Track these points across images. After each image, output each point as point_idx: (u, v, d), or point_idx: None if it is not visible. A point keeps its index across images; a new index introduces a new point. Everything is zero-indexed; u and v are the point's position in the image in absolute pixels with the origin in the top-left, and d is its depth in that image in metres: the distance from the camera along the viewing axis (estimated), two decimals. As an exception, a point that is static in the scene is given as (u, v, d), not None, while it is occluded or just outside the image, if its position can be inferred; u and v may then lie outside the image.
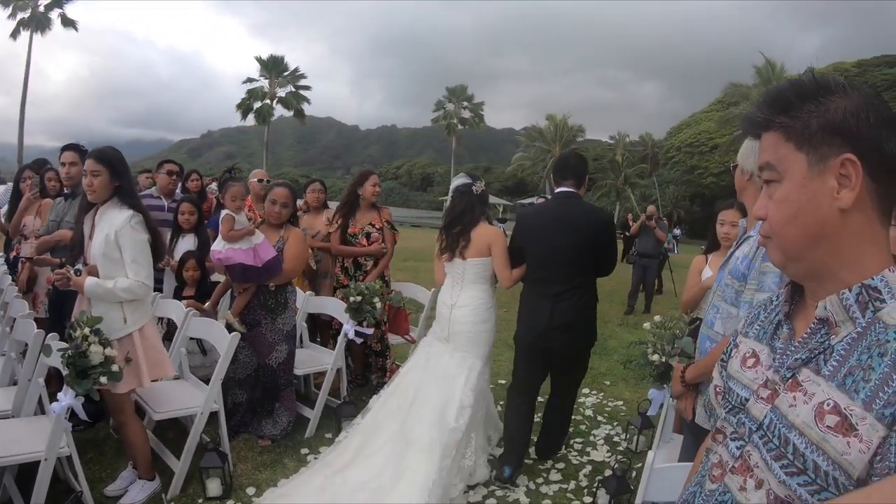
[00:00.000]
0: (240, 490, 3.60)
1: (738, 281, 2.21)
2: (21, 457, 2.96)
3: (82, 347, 2.82)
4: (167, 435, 4.10)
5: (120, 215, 3.18)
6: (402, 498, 3.24)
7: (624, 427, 4.86)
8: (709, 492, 1.11)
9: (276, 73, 44.36)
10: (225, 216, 4.09)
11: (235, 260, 4.05)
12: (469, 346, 3.92)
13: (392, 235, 5.27)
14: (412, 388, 3.87)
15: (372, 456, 3.60)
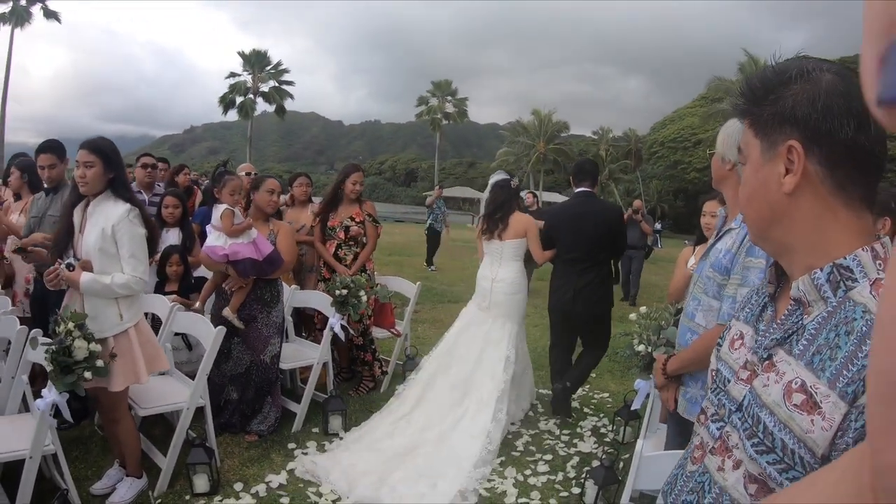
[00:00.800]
0: (227, 486, 3.59)
1: (720, 274, 2.23)
2: (5, 455, 2.93)
3: (66, 343, 2.78)
4: (153, 431, 4.08)
5: (116, 209, 3.11)
6: (463, 439, 4.01)
7: (610, 418, 4.89)
8: (689, 473, 1.12)
9: (258, 68, 44.09)
10: (225, 211, 4.07)
11: (243, 255, 4.05)
12: (507, 312, 4.65)
13: (374, 228, 5.26)
14: (461, 349, 4.62)
15: (431, 404, 4.33)
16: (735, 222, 2.26)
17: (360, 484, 3.53)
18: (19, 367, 3.32)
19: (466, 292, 10.27)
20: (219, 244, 4.08)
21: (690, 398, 2.36)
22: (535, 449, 4.35)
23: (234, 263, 4.07)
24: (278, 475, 3.73)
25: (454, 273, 13.02)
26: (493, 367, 4.39)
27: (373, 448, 3.96)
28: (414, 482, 3.60)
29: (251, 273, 4.12)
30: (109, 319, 3.12)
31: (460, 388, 4.36)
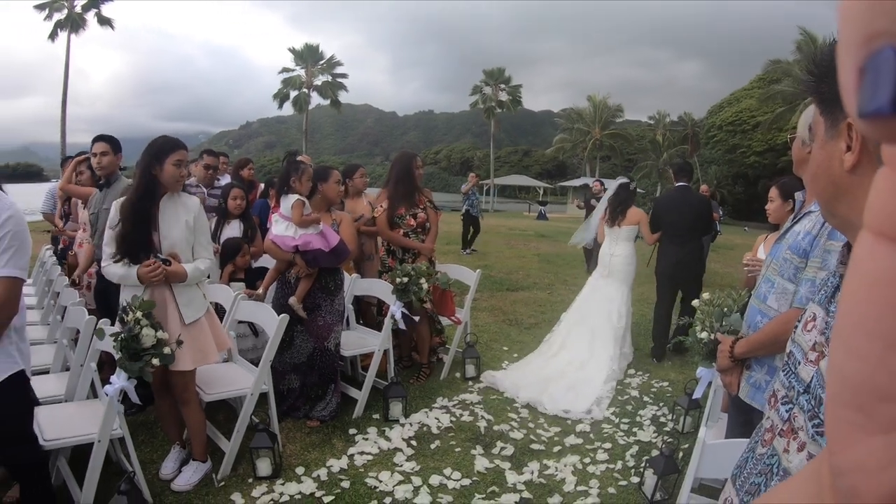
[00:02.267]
0: (289, 470, 3.67)
1: (798, 257, 2.18)
2: (74, 439, 3.03)
3: (135, 331, 2.88)
4: (216, 417, 4.20)
5: (190, 201, 3.35)
6: (594, 368, 5.40)
7: (670, 407, 4.84)
8: (759, 455, 1.11)
9: (311, 62, 44.46)
10: (296, 202, 4.13)
11: (315, 245, 4.11)
12: (621, 279, 6.05)
13: (435, 214, 5.33)
14: (589, 305, 6.04)
15: (571, 346, 5.76)
16: (814, 205, 2.20)
17: (524, 391, 4.97)
18: (88, 355, 3.42)
19: (524, 280, 10.40)
20: (288, 234, 4.14)
21: (755, 383, 2.31)
22: (594, 437, 4.33)
23: (304, 253, 4.14)
24: (339, 460, 3.80)
25: (511, 262, 12.97)
26: (612, 318, 5.84)
27: (532, 374, 5.36)
28: (564, 393, 4.96)
29: (320, 263, 4.18)
30: (199, 302, 3.37)
31: (590, 334, 5.78)
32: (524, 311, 8.25)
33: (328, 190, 4.37)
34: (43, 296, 5.37)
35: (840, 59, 0.38)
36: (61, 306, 4.25)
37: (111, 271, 3.22)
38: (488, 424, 4.44)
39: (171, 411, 3.55)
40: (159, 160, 3.18)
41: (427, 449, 4.04)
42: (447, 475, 3.68)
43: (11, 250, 2.47)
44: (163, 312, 3.21)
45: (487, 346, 6.33)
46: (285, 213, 4.19)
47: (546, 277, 11.08)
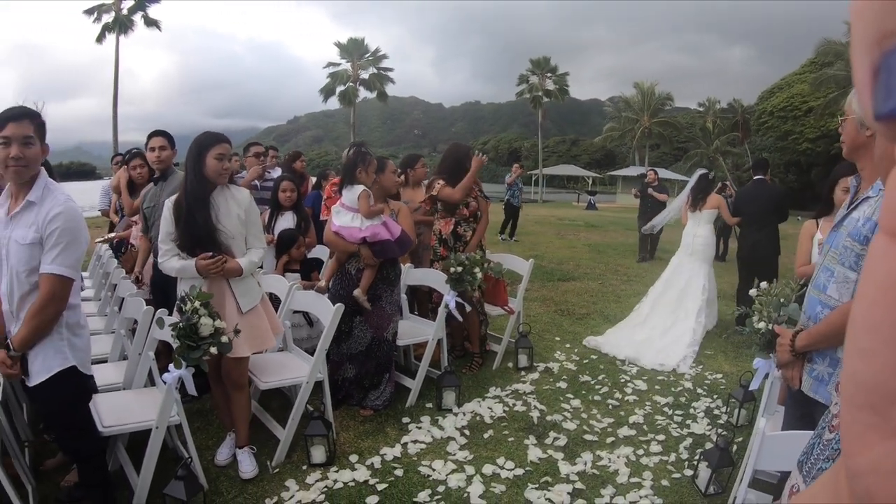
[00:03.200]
0: (343, 457, 3.72)
1: (859, 244, 2.10)
2: (132, 425, 3.12)
3: (193, 320, 2.95)
4: (270, 405, 4.28)
5: (241, 194, 3.43)
6: (679, 332, 6.17)
7: (724, 400, 4.78)
8: (826, 441, 1.11)
9: (357, 56, 44.67)
10: (363, 192, 4.16)
11: (382, 236, 4.15)
12: (702, 257, 6.83)
13: (486, 203, 5.35)
14: (674, 279, 6.80)
15: (656, 316, 6.53)
16: (872, 190, 2.13)
17: (623, 350, 5.91)
18: (146, 344, 3.50)
19: (574, 270, 10.39)
20: (354, 225, 4.17)
21: (817, 376, 2.26)
22: (647, 429, 4.30)
23: (372, 244, 4.17)
24: (392, 448, 3.84)
25: (562, 252, 12.92)
26: (694, 291, 6.61)
27: (625, 339, 6.20)
28: (654, 354, 5.79)
29: (387, 254, 4.21)
30: (255, 290, 3.47)
31: (674, 304, 6.56)
32: (575, 301, 8.22)
33: (385, 180, 4.39)
34: (100, 288, 5.52)
35: (854, 58, 0.38)
36: (118, 298, 4.36)
37: (168, 266, 3.31)
38: (541, 414, 4.44)
39: (226, 400, 3.63)
40: (202, 155, 3.25)
41: (480, 438, 4.05)
42: (500, 465, 3.69)
43: (59, 247, 2.54)
44: (220, 302, 3.28)
45: (539, 337, 6.32)
46: (350, 204, 4.22)
47: (597, 267, 11.03)
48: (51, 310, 2.59)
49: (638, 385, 5.11)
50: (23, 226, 2.54)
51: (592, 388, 5.02)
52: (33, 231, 2.53)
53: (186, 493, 2.88)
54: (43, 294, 2.55)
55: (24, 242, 2.53)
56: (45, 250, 2.54)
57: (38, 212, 2.55)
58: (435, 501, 3.32)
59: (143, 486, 3.03)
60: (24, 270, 2.55)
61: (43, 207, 2.56)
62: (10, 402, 3.46)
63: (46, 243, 2.54)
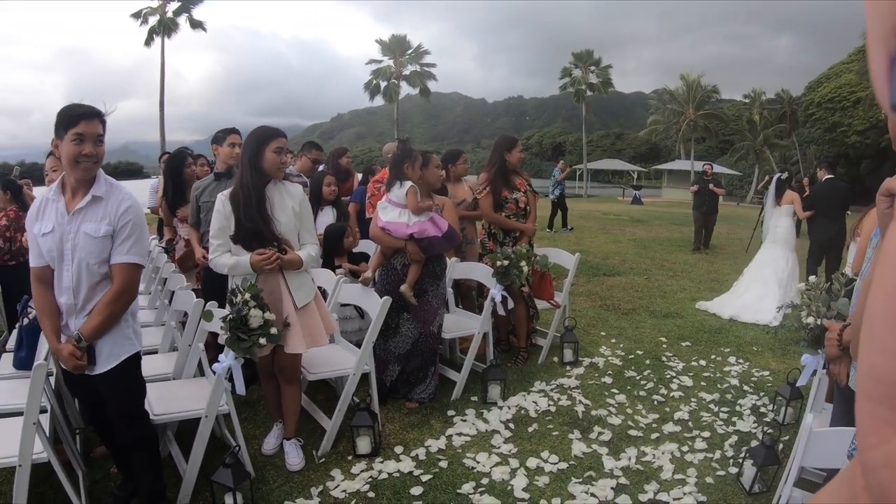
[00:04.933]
0: (388, 448, 3.77)
1: None
2: (182, 414, 3.22)
3: (243, 312, 3.02)
4: (317, 397, 4.36)
5: (294, 189, 3.48)
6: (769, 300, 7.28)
7: (771, 398, 4.71)
8: None
9: (399, 53, 44.76)
10: (411, 188, 4.18)
11: (430, 232, 4.18)
12: (784, 243, 8.03)
13: (535, 198, 5.36)
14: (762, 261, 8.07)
15: (750, 290, 7.70)
16: None
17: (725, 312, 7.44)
18: (196, 335, 3.58)
19: (620, 265, 10.38)
20: (402, 221, 4.19)
21: None
22: (692, 425, 4.27)
23: (419, 241, 4.19)
24: (437, 440, 3.88)
25: (607, 247, 12.84)
26: (780, 273, 7.79)
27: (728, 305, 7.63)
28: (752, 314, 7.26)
29: (435, 249, 4.24)
30: (309, 286, 3.50)
31: (763, 280, 7.77)
32: (621, 296, 8.18)
33: (429, 175, 4.39)
34: (150, 282, 5.66)
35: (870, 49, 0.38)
36: (168, 291, 4.48)
37: (220, 262, 3.35)
38: (586, 409, 4.43)
39: (275, 393, 3.69)
40: (260, 149, 3.29)
41: (524, 432, 4.07)
42: (544, 458, 3.71)
43: (132, 238, 2.65)
44: (277, 297, 3.34)
45: (585, 331, 6.30)
46: (398, 199, 4.24)
47: (643, 262, 10.95)
48: (126, 298, 2.70)
49: (683, 381, 5.07)
50: (92, 220, 2.62)
51: (637, 384, 4.99)
52: (105, 224, 2.62)
53: (234, 480, 2.94)
54: (120, 283, 2.65)
55: (98, 235, 2.61)
56: (117, 242, 2.64)
57: (107, 206, 2.64)
58: (479, 493, 3.34)
59: (191, 472, 3.11)
60: (95, 262, 2.63)
61: (111, 202, 2.65)
62: (62, 390, 3.58)
63: (119, 235, 2.63)
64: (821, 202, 8.37)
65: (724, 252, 12.95)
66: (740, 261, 9.95)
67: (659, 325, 6.80)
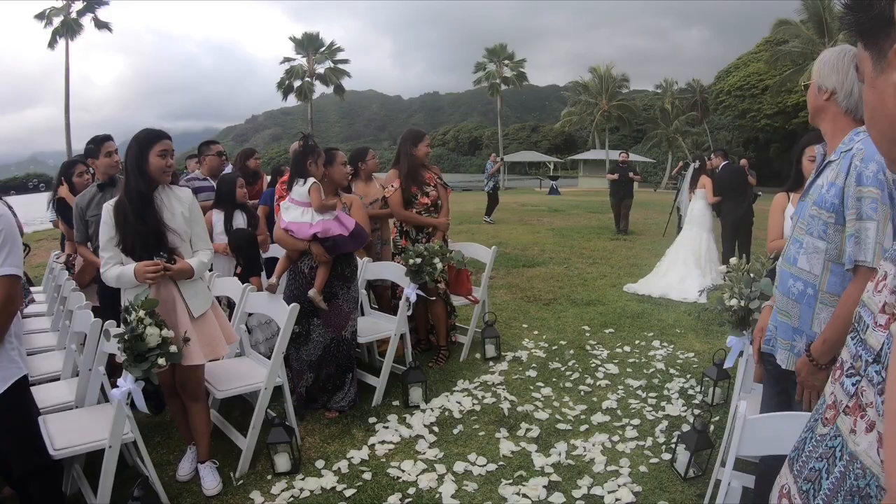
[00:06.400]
0: (309, 464, 3.58)
1: (826, 211, 2.03)
2: (85, 446, 2.94)
3: (138, 330, 2.78)
4: (232, 413, 4.10)
5: (183, 193, 3.29)
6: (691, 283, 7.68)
7: (698, 379, 4.73)
8: (819, 436, 0.96)
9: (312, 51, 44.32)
10: (314, 185, 3.99)
11: (334, 231, 3.98)
12: (699, 224, 8.53)
13: (446, 191, 5.24)
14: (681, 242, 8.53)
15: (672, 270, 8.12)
16: (835, 154, 2.07)
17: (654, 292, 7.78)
18: (95, 359, 3.34)
19: (539, 256, 10.38)
20: (305, 221, 3.99)
21: (798, 352, 2.17)
22: (621, 414, 4.23)
23: (324, 240, 4.00)
24: (360, 451, 3.71)
25: (526, 238, 12.92)
26: (698, 253, 8.27)
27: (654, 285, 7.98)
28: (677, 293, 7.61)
29: (341, 249, 4.04)
30: (205, 294, 3.34)
31: (684, 263, 8.16)
32: (542, 286, 8.15)
33: (335, 172, 4.20)
34: (53, 302, 5.28)
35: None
36: (69, 311, 4.15)
37: (109, 275, 3.14)
38: (512, 406, 4.33)
39: (184, 411, 3.46)
40: (143, 153, 3.11)
41: (450, 434, 3.94)
42: (472, 461, 3.58)
43: (6, 249, 2.45)
44: (171, 308, 3.14)
45: (506, 325, 6.23)
46: (300, 198, 4.04)
47: (562, 252, 11.03)
48: (9, 311, 2.50)
49: (609, 369, 5.04)
50: None
51: (563, 375, 4.92)
52: None
53: (145, 513, 2.74)
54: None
55: None
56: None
57: None
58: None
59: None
60: None
61: None
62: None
63: None
64: (724, 187, 8.84)
65: (642, 236, 13.32)
66: (658, 244, 10.43)
67: (581, 314, 6.78)
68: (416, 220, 5.07)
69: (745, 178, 9.40)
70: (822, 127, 2.20)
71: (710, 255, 8.39)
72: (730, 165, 9.39)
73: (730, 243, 8.97)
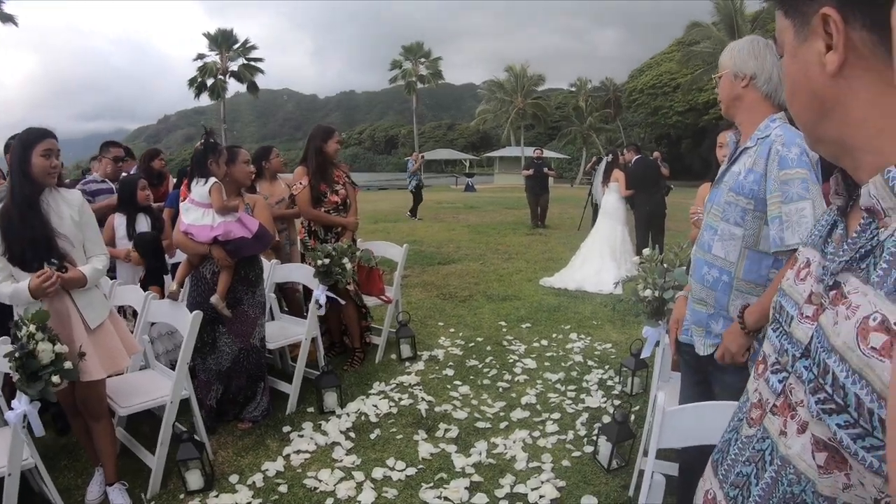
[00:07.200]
0: (222, 479, 3.40)
1: (745, 197, 2.04)
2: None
3: (29, 347, 2.57)
4: (141, 430, 3.85)
5: (71, 196, 3.06)
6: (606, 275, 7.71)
7: (616, 370, 4.76)
8: (746, 438, 0.89)
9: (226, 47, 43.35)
10: (216, 185, 3.77)
11: (236, 233, 3.78)
12: (614, 217, 8.67)
13: (354, 190, 5.12)
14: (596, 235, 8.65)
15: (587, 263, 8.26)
16: (750, 141, 2.08)
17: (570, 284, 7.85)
18: None
19: (455, 253, 10.35)
20: (206, 223, 3.78)
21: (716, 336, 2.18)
22: (541, 408, 4.20)
23: (225, 243, 3.79)
24: (275, 462, 3.55)
25: (441, 235, 12.90)
26: (613, 245, 8.41)
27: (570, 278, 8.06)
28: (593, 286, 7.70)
29: (243, 252, 3.85)
30: (101, 303, 3.12)
31: (599, 255, 8.30)
32: (457, 283, 8.10)
33: (237, 172, 4.00)
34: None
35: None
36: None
37: (1, 292, 2.89)
38: (429, 406, 4.25)
39: (88, 432, 3.24)
40: (26, 154, 2.89)
41: (367, 440, 3.82)
42: (391, 466, 3.49)
43: None
44: (66, 321, 2.93)
45: (422, 323, 6.16)
46: (201, 199, 3.81)
47: (477, 248, 11.05)
48: None
49: (527, 364, 5.02)
50: None
51: (481, 373, 4.88)
52: None
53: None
54: None
55: None
56: None
57: None
58: (323, 517, 3.08)
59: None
60: None
61: None
62: None
63: None
64: (637, 180, 9.12)
65: (557, 231, 13.50)
66: (573, 238, 10.53)
67: (497, 309, 6.76)
68: (325, 219, 4.91)
69: (658, 170, 9.67)
70: (737, 117, 2.20)
71: (624, 247, 8.54)
72: (643, 159, 9.63)
73: (643, 235, 9.18)
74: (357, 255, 4.64)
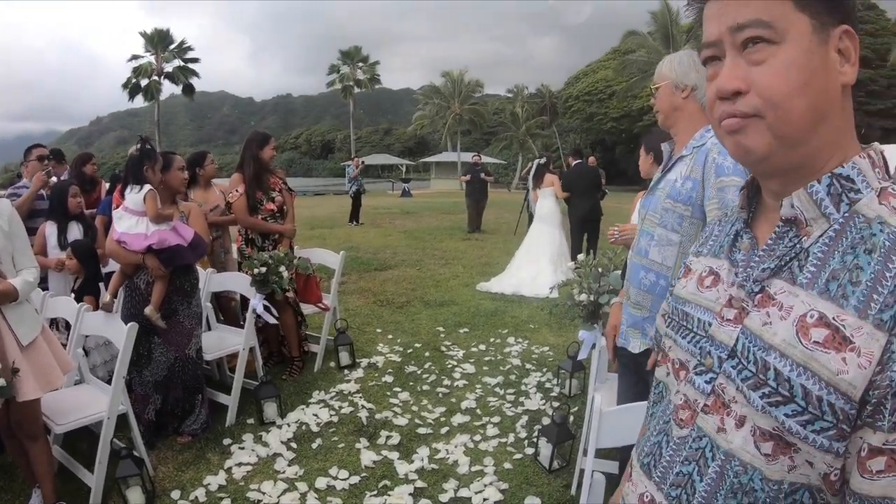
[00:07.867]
0: (164, 495, 3.32)
1: (682, 204, 2.11)
2: None
3: None
4: (79, 447, 3.70)
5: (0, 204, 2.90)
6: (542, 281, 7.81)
7: (554, 372, 4.83)
8: (679, 439, 0.93)
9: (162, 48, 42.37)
10: (150, 193, 3.67)
11: (171, 242, 3.69)
12: (549, 221, 8.92)
13: (291, 197, 5.07)
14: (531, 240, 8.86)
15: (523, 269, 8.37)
16: (686, 149, 2.16)
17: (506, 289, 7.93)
18: None
19: (392, 259, 10.35)
20: (140, 231, 3.68)
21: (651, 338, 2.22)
22: (481, 413, 4.24)
23: (159, 252, 3.70)
24: (216, 476, 3.48)
25: (377, 241, 12.86)
26: (548, 249, 8.60)
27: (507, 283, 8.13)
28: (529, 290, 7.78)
29: (177, 262, 3.76)
30: (32, 318, 2.94)
31: (535, 259, 8.49)
32: (394, 289, 8.10)
33: (172, 179, 3.91)
34: None
35: None
36: None
37: None
38: (370, 414, 4.24)
39: (23, 452, 3.10)
40: None
41: (309, 449, 3.79)
42: (334, 475, 3.46)
43: None
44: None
45: (360, 330, 6.13)
46: (135, 206, 3.71)
47: (414, 254, 11.05)
48: None
49: (466, 368, 5.06)
50: None
51: (420, 378, 4.90)
52: None
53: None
54: None
55: None
56: None
57: None
58: (267, 529, 3.04)
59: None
60: None
61: None
62: None
63: None
64: (573, 184, 9.25)
65: (493, 236, 13.65)
66: (510, 243, 10.68)
67: (435, 315, 6.79)
68: (262, 226, 4.85)
69: (596, 175, 9.80)
70: (675, 126, 2.27)
71: (561, 251, 8.68)
72: (581, 165, 9.75)
73: (578, 239, 9.32)
74: (294, 263, 4.61)
